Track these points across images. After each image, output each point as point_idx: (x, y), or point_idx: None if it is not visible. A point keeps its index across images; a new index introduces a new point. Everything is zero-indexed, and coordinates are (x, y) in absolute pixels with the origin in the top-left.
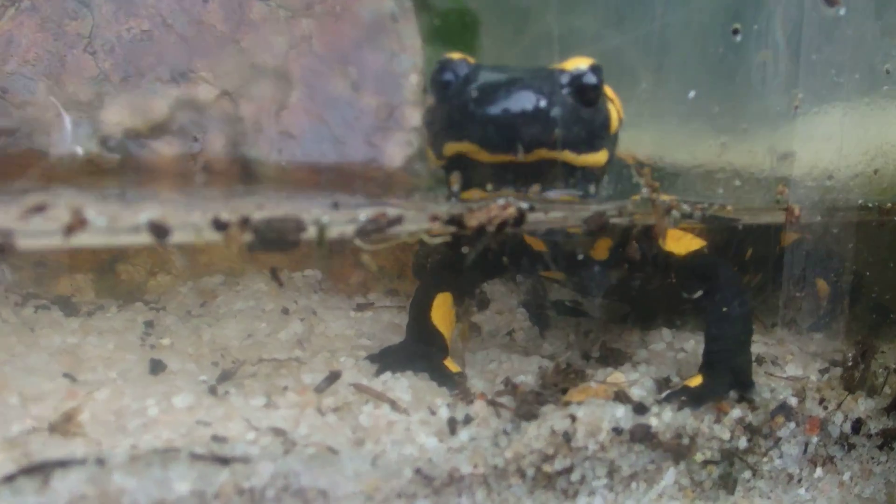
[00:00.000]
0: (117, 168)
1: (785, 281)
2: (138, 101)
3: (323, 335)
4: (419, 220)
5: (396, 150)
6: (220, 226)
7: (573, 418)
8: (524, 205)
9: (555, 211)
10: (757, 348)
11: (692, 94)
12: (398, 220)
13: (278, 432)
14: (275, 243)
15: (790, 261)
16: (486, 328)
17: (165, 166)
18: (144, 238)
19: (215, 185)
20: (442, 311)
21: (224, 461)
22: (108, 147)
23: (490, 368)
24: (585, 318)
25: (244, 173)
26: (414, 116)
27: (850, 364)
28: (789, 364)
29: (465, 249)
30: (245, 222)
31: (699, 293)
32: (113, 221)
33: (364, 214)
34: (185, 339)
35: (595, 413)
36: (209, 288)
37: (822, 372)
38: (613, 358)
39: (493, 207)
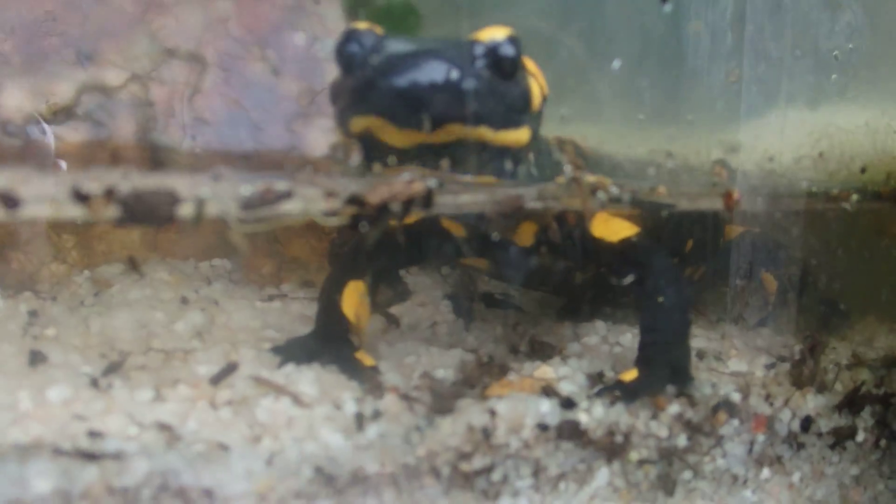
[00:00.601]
0: (18, 154)
1: (732, 276)
2: (41, 84)
3: (224, 326)
4: (313, 196)
5: (319, 138)
6: (81, 197)
7: (493, 413)
8: (432, 182)
9: (468, 193)
10: (699, 343)
11: (616, 63)
12: (287, 195)
13: (163, 427)
14: (145, 218)
15: (736, 254)
16: (405, 320)
17: (71, 153)
18: None
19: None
20: (353, 299)
21: (92, 457)
22: (8, 132)
23: (407, 362)
24: (515, 311)
25: (154, 161)
26: None
27: (798, 359)
28: (733, 359)
29: (363, 227)
30: (110, 194)
31: (630, 278)
32: None
33: (247, 188)
34: (71, 329)
35: (517, 408)
36: (106, 277)
37: (769, 367)
38: (543, 352)
39: (396, 183)
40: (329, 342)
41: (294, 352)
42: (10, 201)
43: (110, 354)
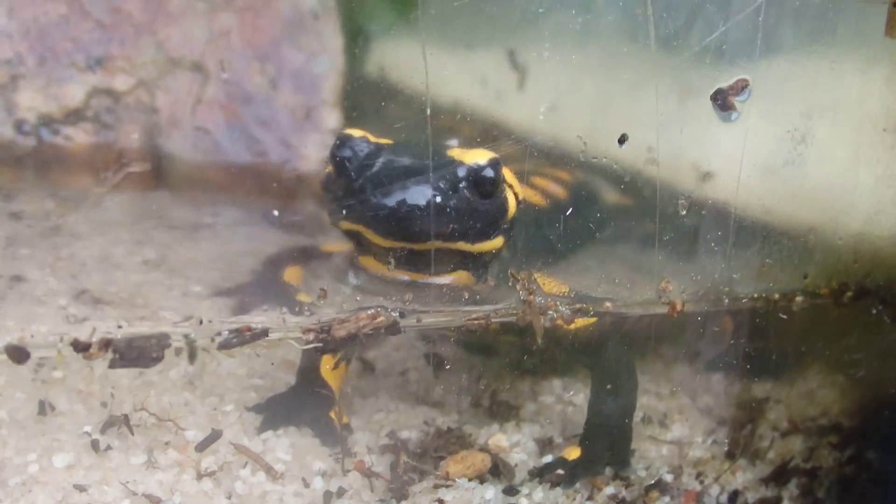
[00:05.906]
0: (31, 154)
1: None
2: (53, 86)
3: (214, 374)
4: (287, 329)
5: (312, 153)
6: (80, 347)
7: (441, 503)
8: (395, 314)
9: (429, 316)
10: (648, 400)
11: (569, 210)
12: (263, 334)
13: (153, 499)
14: (137, 361)
15: None
16: (380, 365)
17: (79, 154)
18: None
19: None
20: (332, 362)
21: None
22: (23, 132)
23: (376, 419)
24: (480, 358)
25: (158, 170)
26: (332, 118)
27: (735, 429)
28: (676, 423)
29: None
30: (107, 345)
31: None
32: None
33: (227, 328)
34: (76, 373)
35: (463, 497)
36: None
37: (708, 433)
38: (500, 412)
39: (361, 317)
40: (306, 401)
41: (272, 413)
42: (20, 354)
43: (111, 404)
